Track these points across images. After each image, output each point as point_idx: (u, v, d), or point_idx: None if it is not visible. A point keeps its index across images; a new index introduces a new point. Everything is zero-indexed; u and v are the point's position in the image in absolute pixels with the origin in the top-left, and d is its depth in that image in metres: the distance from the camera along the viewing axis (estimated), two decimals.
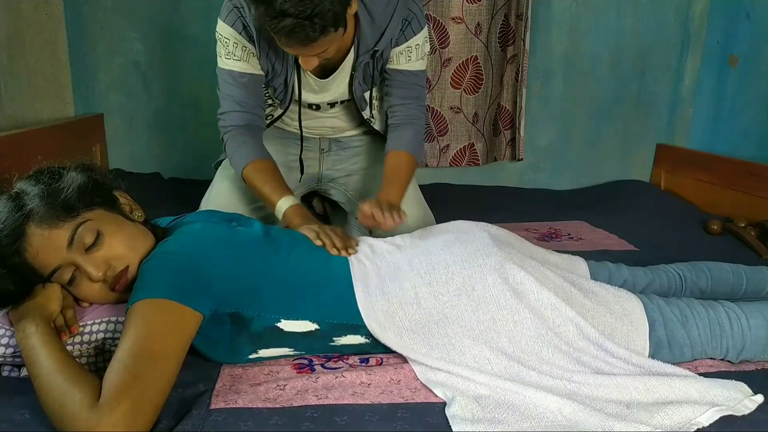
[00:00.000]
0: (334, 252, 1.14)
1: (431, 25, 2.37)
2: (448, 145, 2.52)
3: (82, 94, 2.36)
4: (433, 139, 2.51)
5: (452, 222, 1.23)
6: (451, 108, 2.48)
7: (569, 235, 1.95)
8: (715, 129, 2.42)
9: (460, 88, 2.46)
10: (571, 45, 2.53)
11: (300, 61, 1.31)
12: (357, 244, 1.19)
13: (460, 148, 2.53)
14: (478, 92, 2.47)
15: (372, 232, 1.66)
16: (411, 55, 1.51)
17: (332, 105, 1.61)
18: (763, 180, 2.02)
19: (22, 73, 1.95)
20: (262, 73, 1.49)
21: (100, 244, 0.97)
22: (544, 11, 2.46)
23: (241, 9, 1.39)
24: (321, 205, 1.84)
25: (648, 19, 2.51)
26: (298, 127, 1.63)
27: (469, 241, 1.11)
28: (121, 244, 0.98)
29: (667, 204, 2.30)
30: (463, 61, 2.43)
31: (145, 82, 2.42)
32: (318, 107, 1.61)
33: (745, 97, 2.25)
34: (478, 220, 1.23)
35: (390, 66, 1.54)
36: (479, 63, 2.43)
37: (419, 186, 1.73)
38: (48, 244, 0.94)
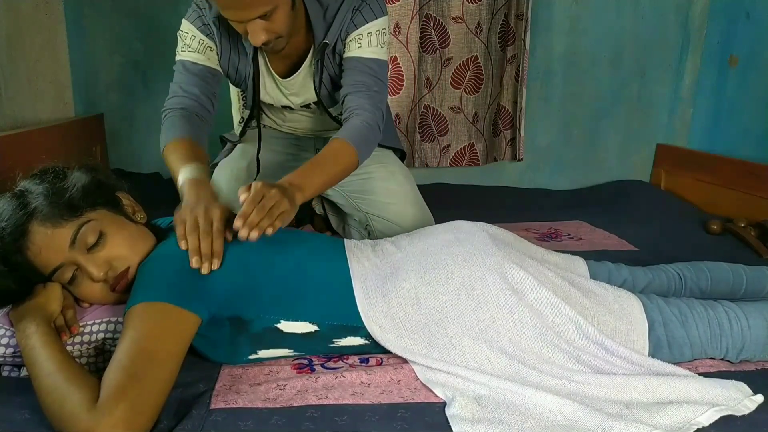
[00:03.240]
0: (182, 245, 0.97)
1: (432, 25, 2.37)
2: (448, 146, 2.52)
3: (82, 94, 2.36)
4: (434, 139, 2.51)
5: (451, 222, 1.23)
6: (452, 108, 2.48)
7: (569, 235, 1.95)
8: (715, 129, 2.42)
9: (460, 88, 2.46)
10: (571, 45, 2.53)
11: (249, 36, 1.26)
12: (221, 260, 0.98)
13: (461, 148, 2.53)
14: (478, 92, 2.47)
15: (369, 233, 1.66)
16: (361, 42, 1.43)
17: (306, 106, 1.61)
18: (763, 180, 2.02)
19: (22, 73, 1.95)
20: (217, 67, 1.47)
21: (102, 244, 0.97)
22: (544, 11, 2.46)
23: (201, 9, 1.41)
24: (320, 206, 1.84)
25: (648, 19, 2.52)
26: (257, 126, 1.62)
27: (469, 240, 1.11)
28: (122, 245, 0.99)
29: (667, 204, 2.30)
30: (463, 61, 2.43)
31: (145, 81, 2.42)
32: (291, 109, 1.61)
33: (745, 97, 2.25)
34: (478, 220, 1.22)
35: (343, 56, 1.46)
36: (479, 63, 2.43)
37: (418, 186, 1.72)
38: (50, 242, 0.94)
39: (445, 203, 2.05)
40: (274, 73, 1.51)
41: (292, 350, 1.05)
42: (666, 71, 2.57)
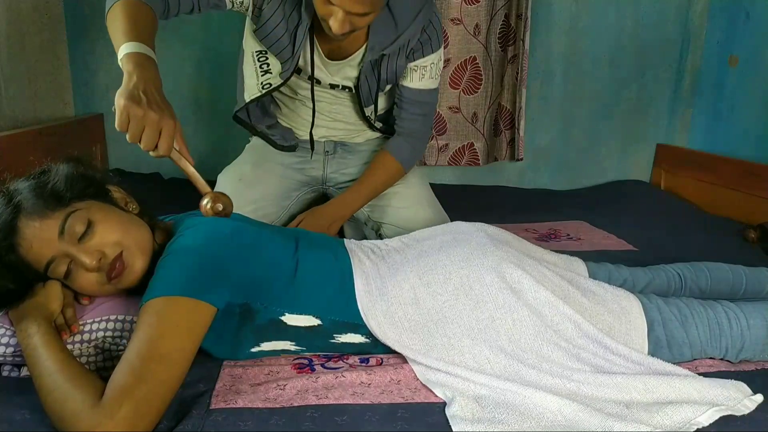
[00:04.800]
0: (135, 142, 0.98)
1: None
2: (447, 144, 2.52)
3: (82, 94, 2.36)
4: (432, 139, 2.51)
5: (450, 223, 1.24)
6: (450, 108, 2.48)
7: (569, 235, 1.95)
8: (715, 129, 2.42)
9: (458, 89, 2.46)
10: (571, 45, 2.53)
11: (333, 21, 1.25)
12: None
13: (460, 147, 2.53)
14: (476, 93, 2.47)
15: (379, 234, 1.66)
16: (425, 74, 1.54)
17: (333, 86, 1.59)
18: (763, 180, 2.02)
19: (22, 73, 1.95)
20: (228, 3, 1.41)
21: (91, 233, 0.95)
22: (544, 11, 2.47)
23: None
24: None
25: (648, 20, 2.52)
26: (311, 103, 1.61)
27: (466, 241, 1.11)
28: (113, 231, 0.97)
29: (667, 204, 2.30)
30: (461, 62, 2.43)
31: None
32: (319, 82, 1.58)
33: (745, 98, 2.25)
34: (478, 220, 1.23)
35: (402, 82, 1.56)
36: (478, 63, 2.43)
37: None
38: (39, 235, 0.93)
39: (445, 203, 2.05)
40: (319, 48, 1.49)
41: (293, 344, 1.05)
42: (666, 71, 2.57)
